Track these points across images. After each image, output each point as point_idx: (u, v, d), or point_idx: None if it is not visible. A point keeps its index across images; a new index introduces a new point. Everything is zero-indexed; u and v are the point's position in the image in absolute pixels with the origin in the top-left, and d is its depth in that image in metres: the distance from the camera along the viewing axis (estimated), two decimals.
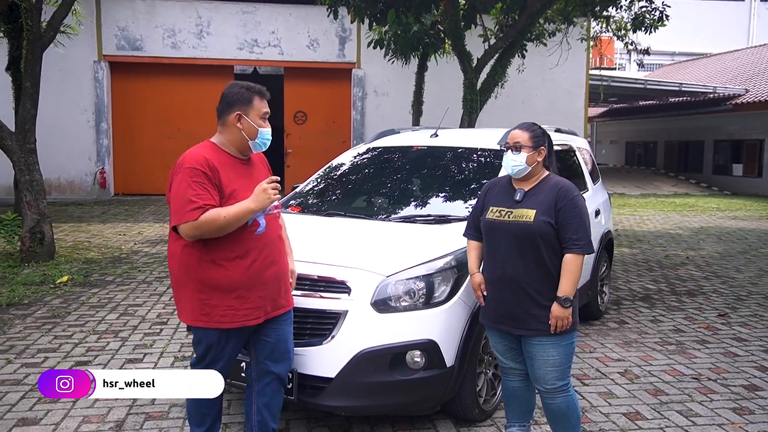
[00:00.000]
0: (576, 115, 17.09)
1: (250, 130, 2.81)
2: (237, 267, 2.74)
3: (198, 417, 2.93)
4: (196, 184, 2.63)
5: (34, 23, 8.10)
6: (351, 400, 3.23)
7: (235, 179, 2.78)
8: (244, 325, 2.80)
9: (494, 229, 3.11)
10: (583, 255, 3.01)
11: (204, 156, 2.72)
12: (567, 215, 3.00)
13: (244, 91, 2.82)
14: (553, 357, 3.03)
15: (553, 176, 3.19)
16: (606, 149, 30.53)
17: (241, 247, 2.74)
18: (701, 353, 5.02)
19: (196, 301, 2.75)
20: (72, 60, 14.38)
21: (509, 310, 3.06)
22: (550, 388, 3.06)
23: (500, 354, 3.24)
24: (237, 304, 2.75)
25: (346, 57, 15.97)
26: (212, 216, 2.62)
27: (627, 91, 22.59)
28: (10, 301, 6.12)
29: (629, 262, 8.81)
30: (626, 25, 13.51)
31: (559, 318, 2.96)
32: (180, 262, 2.78)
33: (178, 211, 2.64)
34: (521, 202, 3.09)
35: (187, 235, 2.65)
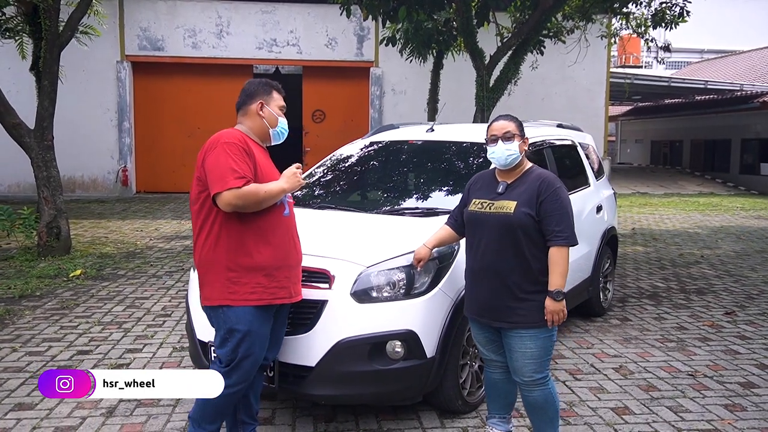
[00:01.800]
0: (596, 113, 16.91)
1: (271, 118, 3.00)
2: (268, 246, 2.85)
3: (214, 415, 2.91)
4: (237, 157, 2.76)
5: (52, 23, 8.31)
6: (331, 389, 3.28)
7: (263, 162, 2.95)
8: (271, 302, 2.87)
9: (476, 220, 3.13)
10: (568, 247, 3.00)
11: (240, 134, 2.89)
12: (549, 207, 3.00)
13: (264, 85, 3.05)
14: (531, 349, 3.04)
15: (536, 168, 3.19)
16: (631, 148, 30.14)
17: (273, 227, 2.88)
18: (701, 351, 4.95)
19: (225, 279, 2.81)
20: (95, 60, 14.69)
21: (489, 302, 3.07)
22: (528, 381, 3.07)
23: (482, 346, 3.25)
24: (266, 282, 2.84)
25: (364, 56, 16.04)
26: (254, 189, 2.75)
27: (651, 90, 22.30)
28: (22, 293, 6.30)
29: (642, 260, 8.70)
30: (646, 21, 13.36)
31: (554, 312, 2.96)
32: (210, 244, 2.84)
33: (221, 178, 2.71)
34: (503, 194, 3.10)
35: (229, 203, 2.72)
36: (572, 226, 3.04)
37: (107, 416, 3.64)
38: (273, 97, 3.04)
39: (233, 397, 2.90)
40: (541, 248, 3.03)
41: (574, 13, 12.49)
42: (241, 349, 2.83)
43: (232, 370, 2.84)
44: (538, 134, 4.99)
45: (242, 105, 3.01)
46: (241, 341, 2.82)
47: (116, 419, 3.60)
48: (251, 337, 2.83)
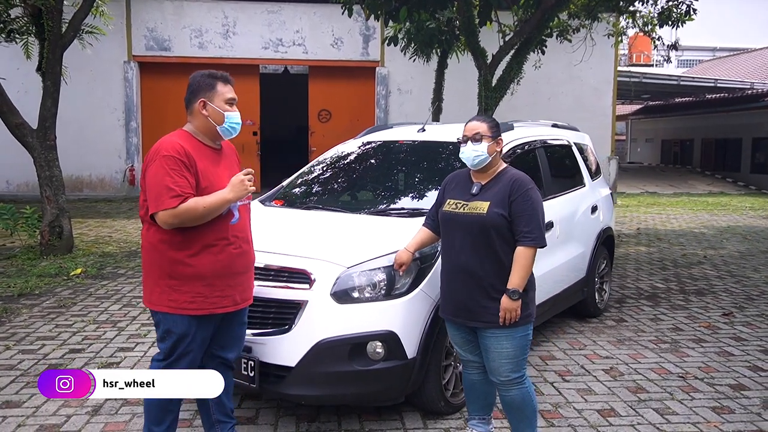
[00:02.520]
0: (604, 113, 16.78)
1: (216, 115, 2.85)
2: (208, 255, 2.77)
3: (160, 415, 2.93)
4: (174, 172, 2.66)
5: (54, 24, 8.38)
6: (311, 389, 3.28)
7: (210, 168, 2.83)
8: (212, 312, 2.82)
9: (450, 221, 3.14)
10: (535, 248, 3.01)
11: (180, 144, 2.75)
12: (519, 207, 3.01)
13: (207, 78, 2.87)
14: (507, 349, 3.03)
15: (510, 169, 3.20)
16: (641, 147, 29.92)
17: (215, 235, 2.78)
18: (694, 352, 4.91)
19: (165, 286, 2.77)
20: (103, 61, 14.79)
21: (463, 302, 3.08)
22: (505, 380, 3.06)
23: (458, 346, 3.25)
24: (206, 292, 2.78)
25: (370, 55, 16.03)
26: (192, 205, 2.66)
27: (661, 88, 22.11)
28: (21, 291, 6.36)
29: (643, 260, 8.63)
30: (653, 20, 13.25)
31: (508, 310, 2.96)
32: (152, 248, 2.81)
33: (157, 198, 2.66)
34: (477, 195, 3.11)
35: (165, 222, 2.68)
36: (541, 227, 3.05)
37: (92, 414, 3.67)
38: (217, 92, 2.85)
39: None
40: (513, 248, 3.03)
41: (579, 11, 12.41)
42: (179, 348, 2.84)
43: (170, 366, 2.86)
44: (530, 134, 4.97)
45: (188, 103, 2.88)
46: (178, 342, 2.83)
47: (101, 417, 3.63)
48: (188, 339, 2.83)
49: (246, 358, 3.31)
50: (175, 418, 2.98)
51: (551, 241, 4.73)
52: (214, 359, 3.01)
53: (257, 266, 3.39)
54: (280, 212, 4.23)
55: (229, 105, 2.88)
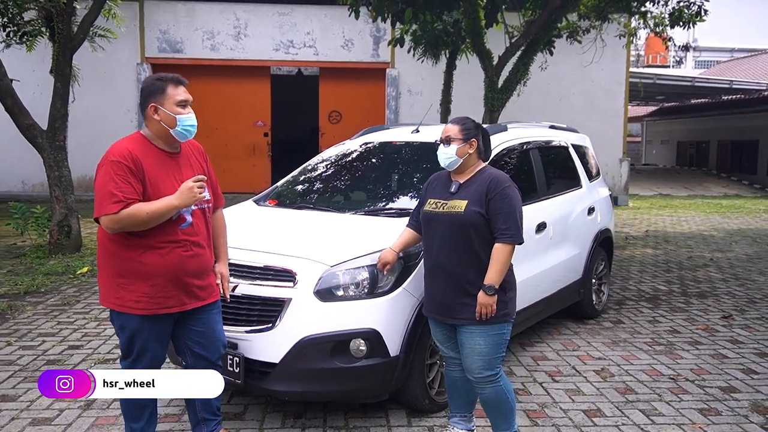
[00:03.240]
0: (616, 114, 16.67)
1: (168, 119, 2.82)
2: (154, 256, 2.78)
3: (134, 412, 2.98)
4: (119, 177, 2.68)
5: (64, 26, 8.54)
6: (295, 386, 3.34)
7: (161, 172, 2.82)
8: (156, 312, 2.81)
9: (430, 220, 3.19)
10: (512, 245, 3.05)
11: (128, 149, 2.77)
12: (497, 205, 3.05)
13: (156, 82, 2.85)
14: (480, 346, 3.07)
15: (489, 168, 3.25)
16: (656, 149, 29.67)
17: (164, 238, 2.78)
18: (689, 354, 4.89)
19: (114, 284, 2.80)
20: (116, 62, 14.99)
21: (443, 300, 3.13)
22: (478, 377, 3.11)
23: (440, 343, 3.29)
24: (152, 292, 2.79)
25: (380, 57, 16.07)
26: (134, 211, 2.67)
27: (675, 90, 21.92)
28: (28, 289, 6.49)
29: (648, 262, 8.59)
30: (664, 20, 13.16)
31: (484, 305, 3.00)
32: (103, 245, 2.85)
33: (100, 203, 2.69)
34: (456, 194, 3.16)
35: (108, 227, 2.71)
36: (518, 224, 3.09)
37: (84, 409, 3.75)
38: (167, 95, 2.82)
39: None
40: (492, 246, 3.07)
41: (589, 12, 12.37)
42: (135, 345, 2.88)
43: (133, 363, 2.91)
44: (523, 136, 4.98)
45: (141, 109, 2.88)
46: (133, 339, 2.87)
47: (92, 412, 3.71)
48: (142, 336, 2.86)
49: (231, 355, 3.37)
50: (152, 413, 3.04)
51: (545, 241, 4.79)
52: (198, 359, 3.04)
53: (244, 264, 3.48)
54: (272, 212, 4.29)
55: (181, 107, 2.85)
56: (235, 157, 16.20)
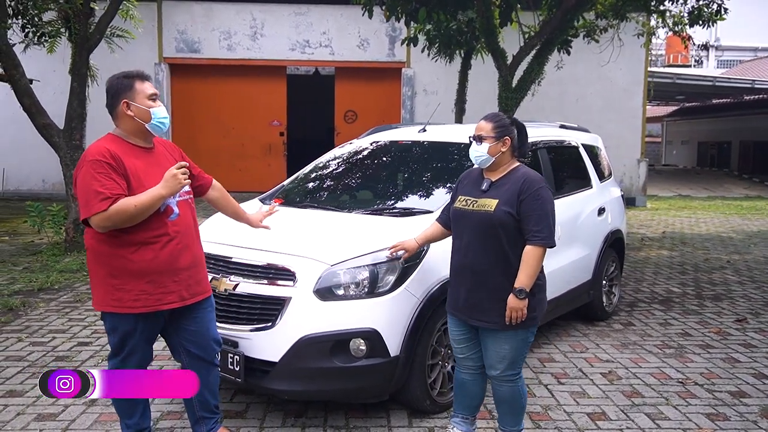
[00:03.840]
0: (634, 114, 16.48)
1: (142, 113, 2.83)
2: (149, 252, 2.77)
3: (127, 408, 3.01)
4: (101, 175, 2.67)
5: (81, 27, 8.66)
6: (294, 385, 3.34)
7: (141, 167, 2.82)
8: (157, 309, 2.82)
9: (460, 217, 3.15)
10: (544, 248, 2.98)
11: (105, 147, 2.76)
12: (529, 206, 2.98)
13: (123, 79, 2.85)
14: (504, 350, 3.06)
15: (522, 167, 3.17)
16: (677, 150, 29.28)
17: (153, 232, 2.79)
18: (699, 358, 4.81)
19: (108, 286, 2.79)
20: (135, 62, 14.94)
21: (468, 300, 3.09)
22: (498, 375, 3.11)
23: (456, 343, 3.26)
24: (150, 289, 2.79)
25: (396, 56, 16.05)
26: (123, 206, 2.66)
27: (696, 89, 21.61)
28: (42, 286, 6.57)
29: (664, 264, 8.47)
30: (683, 19, 12.98)
31: (514, 309, 2.95)
32: (92, 249, 2.84)
33: (87, 203, 2.68)
34: (486, 192, 3.11)
35: (99, 226, 2.70)
36: (551, 227, 3.01)
37: (89, 405, 3.78)
38: (136, 90, 2.83)
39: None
40: (522, 248, 3.01)
41: (607, 11, 12.24)
42: (127, 345, 2.90)
43: (123, 363, 2.93)
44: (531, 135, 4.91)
45: (111, 108, 2.86)
46: (125, 339, 2.89)
47: (96, 408, 3.74)
48: (134, 336, 2.87)
49: (232, 353, 3.39)
50: (145, 407, 3.07)
51: None
52: (194, 359, 3.05)
53: (245, 262, 3.50)
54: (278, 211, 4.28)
55: (152, 101, 2.86)
56: (251, 156, 16.30)
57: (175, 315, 2.95)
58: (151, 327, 2.91)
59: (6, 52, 8.40)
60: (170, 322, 2.98)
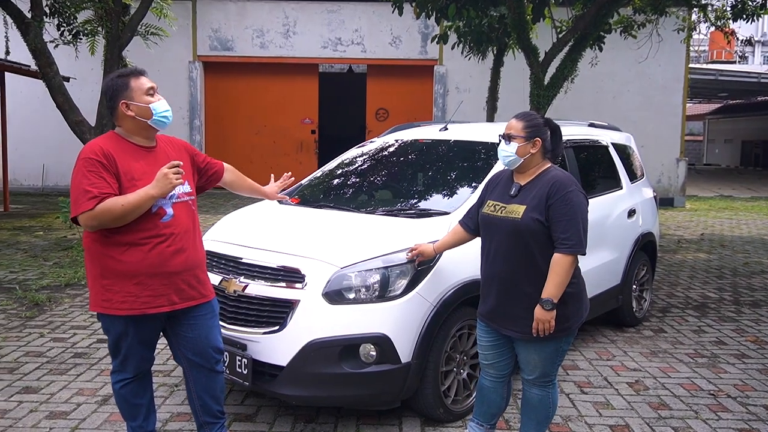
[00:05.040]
0: (673, 112, 16.00)
1: (142, 111, 2.75)
2: (136, 253, 2.70)
3: (129, 411, 2.97)
4: (91, 174, 2.62)
5: (113, 26, 8.76)
6: (302, 390, 3.25)
7: (136, 166, 2.75)
8: (144, 312, 2.74)
9: (488, 224, 3.01)
10: (573, 255, 2.81)
11: (99, 145, 2.71)
12: (557, 212, 2.82)
13: (118, 79, 2.79)
14: (534, 360, 2.95)
15: (554, 169, 2.99)
16: (719, 148, 28.41)
17: (143, 233, 2.71)
18: (734, 368, 4.58)
19: (99, 286, 2.74)
20: (170, 61, 15.33)
21: (497, 308, 2.96)
22: (529, 378, 3.01)
23: (482, 349, 3.14)
24: (137, 291, 2.71)
25: (428, 54, 15.91)
26: (110, 205, 2.60)
27: (740, 86, 20.89)
28: (69, 281, 6.65)
29: (700, 267, 8.16)
30: (726, 13, 12.53)
31: (541, 321, 2.79)
32: (88, 248, 2.79)
33: (75, 201, 2.63)
34: (515, 197, 2.95)
35: (86, 225, 2.64)
36: (581, 233, 2.82)
37: (101, 404, 3.77)
38: (133, 88, 2.75)
39: (134, 388, 2.93)
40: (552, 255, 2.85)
41: (645, 6, 11.88)
42: (122, 348, 2.84)
43: (122, 365, 2.88)
44: None
45: (111, 111, 2.81)
46: (119, 341, 2.83)
47: (108, 407, 3.73)
48: (128, 338, 2.81)
49: (240, 356, 3.32)
50: (148, 410, 3.02)
51: None
52: (193, 365, 2.97)
53: (254, 264, 3.43)
54: (291, 211, 4.21)
55: (150, 95, 2.78)
56: (283, 153, 16.36)
57: (172, 319, 2.89)
58: (144, 330, 2.83)
59: (41, 51, 8.55)
60: (169, 326, 2.92)
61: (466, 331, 3.60)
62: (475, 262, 3.38)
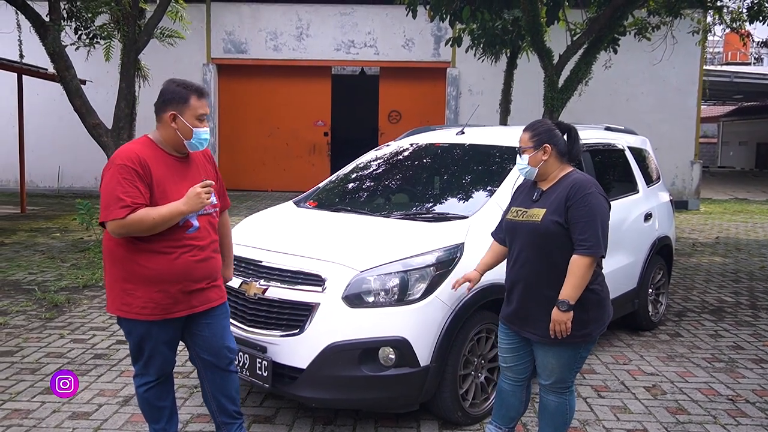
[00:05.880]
0: (687, 115, 15.93)
1: (185, 130, 2.79)
2: (162, 261, 2.74)
3: (153, 413, 3.01)
4: (126, 182, 2.65)
5: (129, 29, 8.84)
6: (321, 392, 3.27)
7: (169, 177, 2.78)
8: (163, 318, 2.79)
9: (512, 229, 3.05)
10: (592, 257, 2.82)
11: (136, 152, 2.73)
12: (576, 213, 2.85)
13: (181, 90, 2.79)
14: (552, 364, 2.97)
15: (575, 173, 3.02)
16: (734, 151, 28.20)
17: (170, 243, 2.75)
18: (752, 373, 4.56)
19: (119, 290, 2.78)
20: (184, 63, 15.43)
21: (518, 311, 3.00)
22: (545, 384, 3.03)
23: (502, 352, 3.17)
24: (158, 298, 2.76)
25: (441, 56, 15.93)
26: (140, 216, 2.64)
27: (755, 88, 20.74)
28: (86, 283, 6.72)
29: (716, 271, 8.12)
30: (741, 15, 12.45)
31: (557, 322, 2.81)
32: (109, 251, 2.83)
33: (106, 207, 2.66)
34: (537, 202, 3.00)
35: (114, 232, 2.68)
36: (599, 234, 2.84)
37: (122, 404, 3.82)
38: (189, 106, 2.77)
39: (157, 391, 2.97)
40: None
41: (660, 8, 11.84)
42: (145, 350, 2.87)
43: (146, 366, 2.91)
44: None
45: (157, 110, 2.81)
46: (141, 344, 2.86)
47: (129, 408, 3.77)
48: (149, 341, 2.84)
49: (260, 358, 3.35)
50: (171, 413, 3.06)
51: None
52: (208, 366, 3.01)
53: (274, 267, 3.47)
54: (309, 214, 4.25)
55: (200, 121, 2.81)
56: (296, 156, 16.43)
57: (189, 319, 2.93)
58: (166, 331, 2.87)
59: (59, 54, 8.65)
60: (186, 326, 2.96)
61: (484, 334, 3.62)
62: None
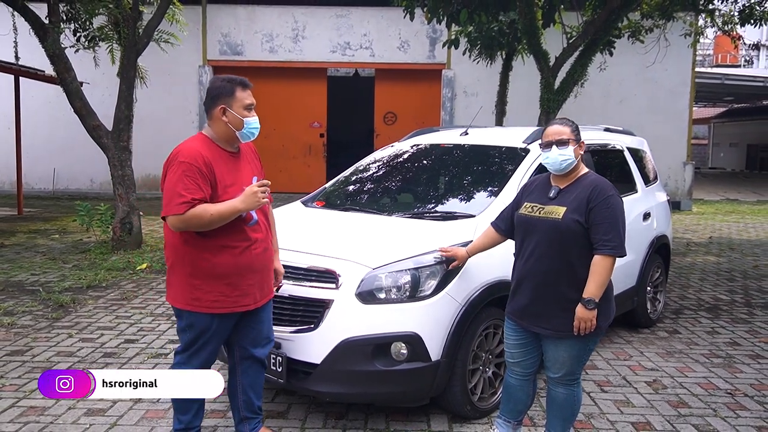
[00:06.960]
0: (680, 116, 16.11)
1: (236, 121, 2.90)
2: (229, 255, 2.87)
3: (184, 405, 3.09)
4: (188, 178, 2.75)
5: (129, 31, 8.87)
6: (335, 387, 3.36)
7: (228, 174, 2.90)
8: (234, 311, 2.94)
9: (525, 224, 3.12)
10: (614, 257, 2.92)
11: (199, 152, 2.83)
12: (599, 215, 2.93)
13: (227, 84, 2.91)
14: (563, 358, 3.05)
15: (591, 174, 3.13)
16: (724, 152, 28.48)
17: (234, 236, 2.88)
18: (749, 368, 4.68)
19: (188, 285, 2.88)
20: (180, 65, 15.47)
21: (529, 307, 3.07)
22: (554, 377, 3.11)
23: (509, 348, 3.24)
24: (228, 291, 2.89)
25: (436, 58, 16.03)
26: (199, 212, 2.74)
27: (745, 90, 20.97)
28: (90, 283, 6.76)
29: (710, 270, 8.25)
30: (733, 18, 12.63)
31: (583, 320, 2.91)
32: (174, 247, 2.93)
33: (168, 203, 2.78)
34: (554, 199, 3.07)
35: (174, 226, 2.80)
36: (622, 236, 2.94)
37: (136, 402, 3.88)
38: (236, 98, 2.89)
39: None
40: (589, 257, 2.96)
41: (653, 11, 11.99)
42: (199, 341, 2.96)
43: (191, 357, 2.99)
44: None
45: (208, 109, 2.94)
46: (199, 336, 2.96)
47: (143, 404, 3.84)
48: (209, 334, 2.95)
49: (275, 354, 3.43)
50: (200, 407, 3.13)
51: None
52: (246, 358, 3.12)
53: (289, 265, 3.53)
54: (318, 213, 4.33)
55: (248, 110, 2.93)
56: (292, 157, 16.48)
57: (243, 312, 3.03)
58: (227, 325, 3.00)
59: (59, 56, 8.67)
60: (239, 318, 3.06)
61: (492, 330, 3.71)
62: (500, 263, 3.51)
